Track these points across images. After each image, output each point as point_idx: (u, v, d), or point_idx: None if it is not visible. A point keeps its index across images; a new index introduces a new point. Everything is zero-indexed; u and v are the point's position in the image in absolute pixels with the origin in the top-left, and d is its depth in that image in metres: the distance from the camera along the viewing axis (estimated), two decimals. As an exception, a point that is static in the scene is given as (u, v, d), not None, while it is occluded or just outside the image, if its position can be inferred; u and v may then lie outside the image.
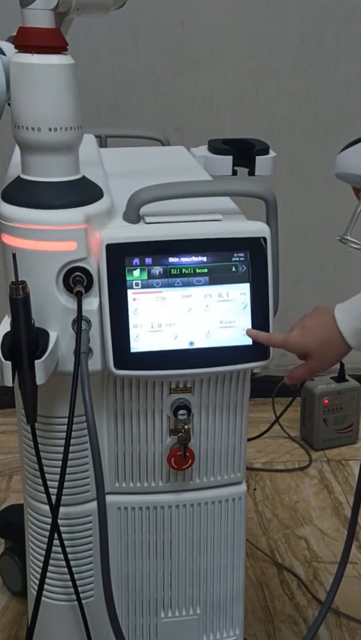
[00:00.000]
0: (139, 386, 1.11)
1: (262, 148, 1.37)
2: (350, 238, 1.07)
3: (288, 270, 1.89)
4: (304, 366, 1.09)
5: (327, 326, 1.05)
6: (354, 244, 1.06)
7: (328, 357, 1.07)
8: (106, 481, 1.15)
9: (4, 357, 0.97)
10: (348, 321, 1.04)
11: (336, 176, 1.13)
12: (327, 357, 1.07)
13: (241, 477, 1.21)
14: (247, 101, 2.29)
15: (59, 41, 0.97)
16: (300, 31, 2.24)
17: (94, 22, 2.12)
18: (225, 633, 1.28)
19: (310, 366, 1.08)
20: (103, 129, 1.67)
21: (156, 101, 2.26)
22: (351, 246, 1.07)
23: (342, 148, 1.12)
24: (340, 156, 1.12)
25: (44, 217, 1.00)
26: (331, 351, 1.06)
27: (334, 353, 1.07)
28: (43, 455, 1.08)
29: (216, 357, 1.07)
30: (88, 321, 1.03)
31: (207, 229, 1.06)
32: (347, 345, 1.05)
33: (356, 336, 1.04)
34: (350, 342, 1.05)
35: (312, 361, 1.08)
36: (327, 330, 1.05)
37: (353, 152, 1.10)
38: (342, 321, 1.05)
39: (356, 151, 1.10)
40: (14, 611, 1.67)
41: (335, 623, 1.65)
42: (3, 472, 2.18)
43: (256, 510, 2.02)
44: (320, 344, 1.06)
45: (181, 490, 1.18)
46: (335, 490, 2.11)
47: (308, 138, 2.34)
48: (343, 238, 1.07)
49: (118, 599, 1.22)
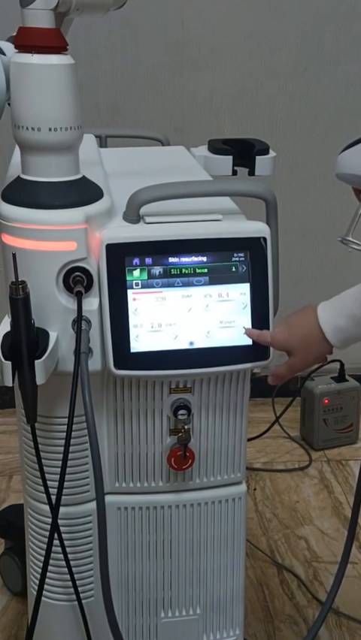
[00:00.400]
0: (139, 386, 1.11)
1: (262, 148, 1.37)
2: (351, 239, 1.07)
3: (288, 270, 1.89)
4: (286, 363, 1.09)
5: (309, 323, 1.05)
6: (355, 245, 1.06)
7: (309, 354, 1.07)
8: (106, 481, 1.15)
9: (4, 357, 0.97)
10: (330, 318, 1.04)
11: (337, 176, 1.13)
12: (308, 355, 1.07)
13: (241, 477, 1.21)
14: (247, 101, 2.29)
15: (59, 41, 0.97)
16: (300, 31, 2.24)
17: (94, 22, 2.12)
18: (225, 633, 1.28)
19: (292, 364, 1.08)
20: (103, 129, 1.67)
21: (156, 101, 2.26)
22: (352, 247, 1.07)
23: (343, 148, 1.12)
24: (341, 157, 1.12)
25: (44, 217, 1.00)
26: (312, 348, 1.06)
27: (315, 350, 1.06)
28: (43, 455, 1.08)
29: (216, 357, 1.07)
30: (88, 321, 1.03)
31: (207, 229, 1.06)
32: (328, 342, 1.05)
33: (337, 334, 1.04)
34: (331, 340, 1.04)
35: (294, 358, 1.08)
36: (309, 327, 1.05)
37: (354, 152, 1.10)
38: (324, 319, 1.04)
39: (357, 151, 1.10)
40: (14, 611, 1.67)
41: (335, 623, 1.65)
42: (3, 472, 2.18)
43: (256, 510, 2.02)
44: (302, 341, 1.06)
45: (181, 490, 1.18)
46: (335, 490, 2.11)
47: (308, 138, 2.34)
48: (344, 239, 1.07)
49: (118, 599, 1.22)
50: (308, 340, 1.06)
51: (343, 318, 1.03)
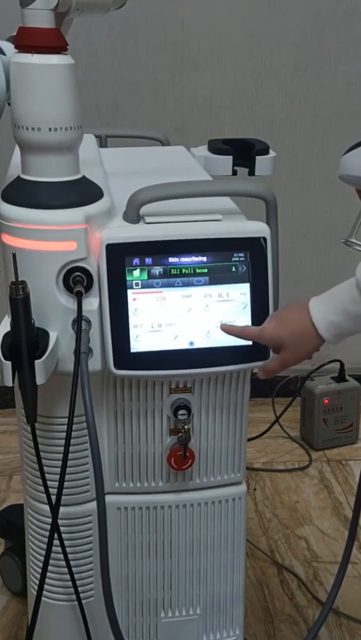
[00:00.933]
0: (139, 386, 1.11)
1: (262, 148, 1.37)
2: (354, 240, 1.06)
3: (288, 270, 1.89)
4: (278, 359, 1.08)
5: (301, 318, 1.05)
6: (359, 247, 1.06)
7: (301, 349, 1.06)
8: (106, 481, 1.15)
9: (4, 357, 0.97)
10: (322, 314, 1.04)
11: (340, 178, 1.13)
12: (300, 350, 1.06)
13: (241, 477, 1.21)
14: (247, 101, 2.29)
15: (59, 41, 0.97)
16: (300, 31, 2.24)
17: (94, 22, 2.12)
18: (225, 633, 1.28)
19: (283, 359, 1.07)
20: (103, 129, 1.67)
21: (156, 101, 2.26)
22: (355, 249, 1.06)
23: (347, 150, 1.12)
24: (344, 158, 1.12)
25: (44, 217, 1.00)
26: (304, 343, 1.06)
27: (307, 346, 1.06)
28: (43, 455, 1.08)
29: (216, 357, 1.07)
30: (88, 321, 1.03)
31: (207, 229, 1.06)
32: (320, 337, 1.04)
33: (330, 329, 1.04)
34: (324, 336, 1.04)
35: (285, 353, 1.07)
36: (301, 322, 1.05)
37: (358, 153, 1.09)
38: (316, 314, 1.04)
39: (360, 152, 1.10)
40: (14, 611, 1.67)
41: (335, 623, 1.65)
42: (3, 472, 2.18)
43: (256, 510, 2.02)
44: (294, 336, 1.05)
45: (181, 490, 1.18)
46: (335, 490, 2.11)
47: (308, 138, 2.34)
48: (348, 241, 1.06)
49: (118, 599, 1.22)
50: (300, 336, 1.05)
51: (335, 314, 1.03)
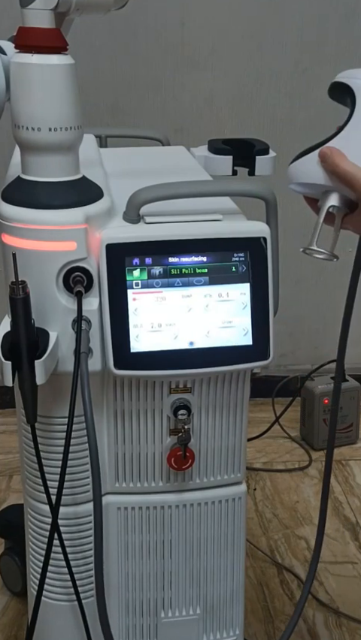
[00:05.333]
0: (139, 386, 1.11)
1: (262, 148, 1.37)
2: (315, 248, 1.04)
3: (288, 270, 1.89)
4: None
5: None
6: (319, 254, 1.03)
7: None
8: (106, 481, 1.15)
9: (4, 357, 0.97)
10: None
11: (290, 188, 1.11)
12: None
13: (241, 477, 1.21)
14: (247, 101, 2.29)
15: (59, 41, 0.97)
16: (300, 31, 2.24)
17: (94, 22, 2.12)
18: (225, 633, 1.28)
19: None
20: (103, 129, 1.67)
21: (156, 101, 2.26)
22: (316, 257, 1.03)
23: (294, 158, 1.10)
24: (293, 166, 1.09)
25: (44, 217, 1.00)
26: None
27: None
28: (43, 455, 1.08)
29: (216, 357, 1.07)
30: (88, 321, 1.03)
31: (207, 229, 1.06)
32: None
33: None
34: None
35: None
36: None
37: (305, 161, 1.08)
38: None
39: (307, 160, 1.08)
40: (14, 611, 1.67)
41: (335, 623, 1.65)
42: (3, 472, 2.18)
43: (256, 510, 2.02)
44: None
45: (181, 490, 1.18)
46: (335, 490, 2.11)
47: (308, 138, 2.33)
48: (307, 249, 1.04)
49: (118, 599, 1.22)
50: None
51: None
